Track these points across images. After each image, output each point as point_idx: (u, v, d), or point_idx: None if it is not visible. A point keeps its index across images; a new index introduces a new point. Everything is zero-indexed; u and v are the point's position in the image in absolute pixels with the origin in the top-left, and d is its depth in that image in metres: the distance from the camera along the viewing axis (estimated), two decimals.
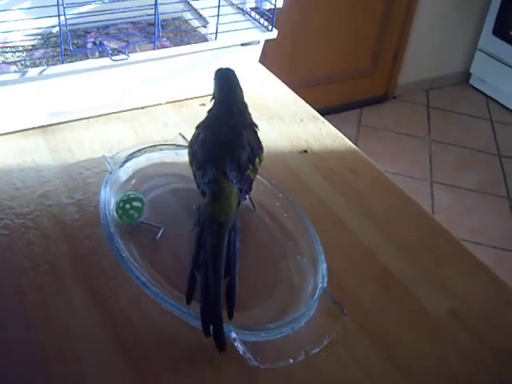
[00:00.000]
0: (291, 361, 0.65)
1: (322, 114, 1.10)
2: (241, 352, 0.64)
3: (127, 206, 0.80)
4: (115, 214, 0.81)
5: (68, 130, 1.00)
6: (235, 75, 0.86)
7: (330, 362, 0.68)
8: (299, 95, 1.15)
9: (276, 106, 1.11)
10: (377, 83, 2.97)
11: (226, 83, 0.86)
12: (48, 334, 0.69)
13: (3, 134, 0.97)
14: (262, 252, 0.82)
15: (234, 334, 0.65)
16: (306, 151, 0.99)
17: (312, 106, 1.13)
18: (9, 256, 0.78)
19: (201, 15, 1.07)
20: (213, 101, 0.86)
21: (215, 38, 0.99)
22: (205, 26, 1.04)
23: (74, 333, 0.69)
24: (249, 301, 0.74)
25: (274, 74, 1.21)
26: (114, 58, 0.91)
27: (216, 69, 0.88)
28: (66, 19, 0.87)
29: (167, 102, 1.07)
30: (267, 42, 1.06)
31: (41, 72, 0.89)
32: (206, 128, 0.82)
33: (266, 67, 1.23)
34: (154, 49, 0.96)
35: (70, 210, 0.85)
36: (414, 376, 0.68)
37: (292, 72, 2.53)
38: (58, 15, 0.86)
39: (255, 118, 0.87)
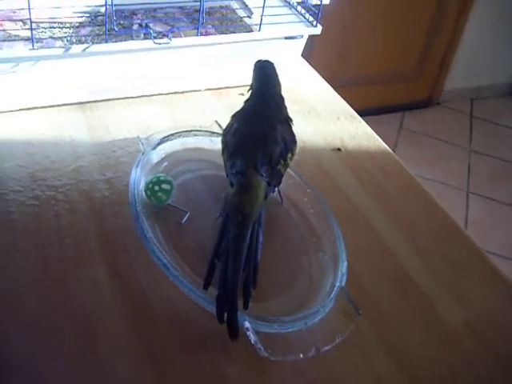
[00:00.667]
0: (301, 355, 0.66)
1: (364, 115, 1.10)
2: (252, 341, 0.65)
3: (156, 187, 0.81)
4: (144, 194, 0.82)
5: (107, 109, 1.01)
6: (274, 68, 0.87)
7: (340, 360, 0.68)
8: (342, 94, 1.15)
9: (314, 102, 1.11)
10: (421, 88, 2.95)
11: (265, 75, 0.86)
12: (64, 306, 0.70)
13: (44, 107, 0.99)
14: (285, 245, 0.82)
15: (247, 324, 0.66)
16: (339, 149, 0.99)
17: (354, 106, 1.12)
18: (36, 226, 0.79)
19: (246, 5, 1.07)
20: (250, 92, 0.86)
21: (259, 29, 1.00)
22: (249, 17, 1.05)
23: (90, 308, 0.70)
24: (266, 292, 0.74)
25: (318, 70, 1.21)
26: (156, 41, 0.92)
27: (256, 60, 0.88)
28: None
29: (207, 89, 1.08)
30: (313, 37, 1.06)
31: (84, 49, 0.91)
32: (240, 118, 0.83)
33: (310, 62, 1.23)
34: (197, 35, 0.96)
35: (101, 187, 0.86)
36: (420, 382, 0.68)
37: (337, 69, 2.51)
38: None
39: (292, 112, 0.87)
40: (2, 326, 0.67)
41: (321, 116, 1.07)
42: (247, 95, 0.86)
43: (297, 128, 0.86)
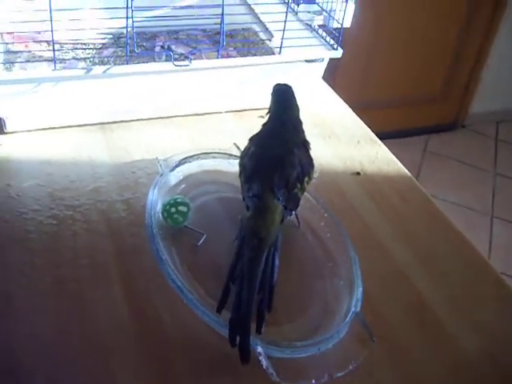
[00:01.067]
0: (313, 382, 0.65)
1: (388, 138, 1.09)
2: (264, 366, 0.64)
3: (173, 209, 0.81)
4: (161, 216, 0.82)
5: (126, 129, 1.02)
6: (292, 91, 0.87)
7: None
8: (366, 116, 1.14)
9: (334, 125, 1.10)
10: (447, 110, 2.93)
11: (283, 99, 0.86)
12: (79, 325, 0.70)
13: (64, 127, 1.00)
14: (301, 269, 0.82)
15: (259, 348, 0.65)
16: (358, 173, 0.99)
17: (378, 129, 1.12)
18: (53, 245, 0.80)
19: (267, 28, 1.08)
20: (268, 115, 0.86)
21: (279, 52, 1.00)
22: (269, 40, 1.05)
23: (104, 328, 0.70)
24: (280, 316, 0.74)
25: (342, 93, 1.21)
26: (176, 63, 0.92)
27: (274, 83, 0.88)
28: (133, 22, 0.89)
29: (227, 111, 1.08)
30: (336, 60, 1.06)
31: (104, 71, 0.92)
32: (257, 142, 0.83)
33: (333, 85, 1.23)
34: (218, 57, 0.97)
35: (119, 208, 0.86)
36: None
37: (361, 92, 2.51)
38: (126, 17, 0.88)
39: (312, 135, 0.87)
40: (15, 343, 0.67)
41: (341, 139, 1.07)
42: (266, 118, 0.86)
43: (316, 151, 0.86)
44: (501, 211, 2.53)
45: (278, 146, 0.81)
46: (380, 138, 1.09)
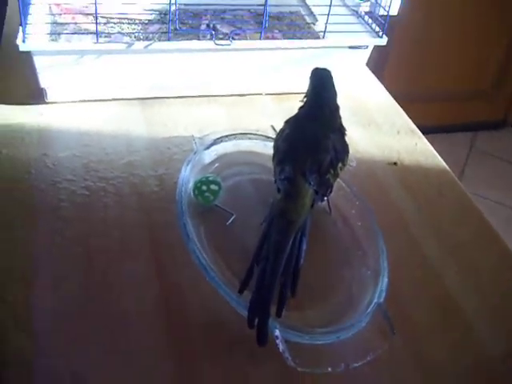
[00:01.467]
0: (329, 369, 0.64)
1: (435, 132, 1.07)
2: (280, 350, 0.64)
3: (204, 187, 0.81)
4: (192, 193, 0.82)
5: (166, 106, 1.02)
6: (331, 76, 0.85)
7: (370, 378, 0.67)
8: (414, 109, 1.12)
9: (375, 114, 1.09)
10: (497, 107, 2.86)
11: (321, 83, 0.85)
12: (103, 297, 0.71)
13: (105, 100, 1.01)
14: (328, 256, 0.81)
15: (277, 332, 0.65)
16: (395, 163, 0.97)
17: (425, 123, 1.10)
18: (84, 216, 0.81)
19: (312, 12, 1.07)
20: (305, 99, 0.85)
21: (323, 37, 0.99)
22: (313, 24, 1.04)
23: (127, 301, 0.71)
24: (304, 302, 0.73)
25: (389, 83, 1.19)
26: (217, 42, 0.92)
27: (313, 67, 0.87)
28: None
29: (267, 94, 1.08)
30: (387, 50, 1.04)
31: (146, 46, 0.92)
32: (292, 124, 0.82)
33: (381, 75, 1.21)
34: (260, 39, 0.96)
35: (151, 183, 0.87)
36: None
37: (410, 84, 2.46)
38: None
39: (352, 123, 0.86)
40: (39, 312, 0.68)
41: (380, 128, 1.05)
42: (303, 102, 0.85)
43: (354, 138, 0.85)
44: None
45: (313, 129, 0.80)
46: (427, 132, 1.07)
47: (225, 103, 1.05)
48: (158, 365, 0.65)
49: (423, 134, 1.06)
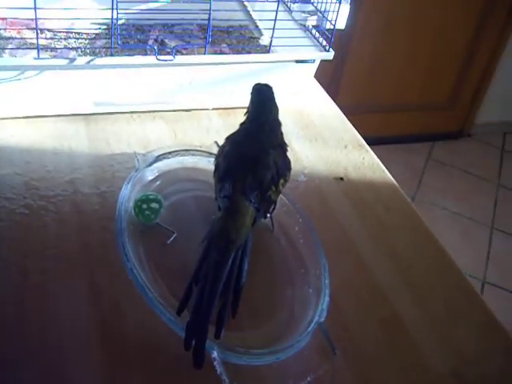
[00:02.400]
0: None
1: (392, 143, 1.07)
2: (218, 372, 0.63)
3: (144, 205, 0.80)
4: (132, 212, 0.81)
5: (110, 122, 1.00)
6: (272, 92, 0.85)
7: None
8: (371, 120, 1.14)
9: (323, 128, 1.08)
10: (453, 118, 2.90)
11: (261, 99, 0.84)
12: (39, 318, 0.69)
13: (47, 117, 0.99)
14: (271, 275, 0.80)
15: (215, 353, 0.64)
16: (342, 179, 0.97)
17: (381, 133, 1.10)
18: (22, 235, 0.79)
19: (257, 26, 1.06)
20: (246, 115, 0.84)
21: (269, 51, 0.98)
22: (258, 38, 1.03)
23: (64, 321, 0.69)
24: (243, 322, 0.72)
25: (345, 95, 1.19)
26: (159, 57, 0.91)
27: (254, 83, 0.86)
28: (117, 13, 0.87)
29: (214, 108, 1.07)
30: (343, 63, 1.04)
31: (88, 62, 0.90)
32: (233, 141, 0.81)
33: (337, 87, 1.20)
34: (205, 53, 0.95)
35: (93, 201, 0.85)
36: None
37: (367, 95, 2.48)
38: (112, 8, 0.86)
39: (299, 138, 0.86)
40: None
41: (328, 143, 1.05)
42: (244, 118, 0.84)
43: (301, 153, 0.85)
44: (501, 223, 2.50)
45: (253, 146, 0.79)
46: (384, 143, 1.07)
47: (170, 119, 1.03)
48: (93, 380, 0.64)
49: (380, 144, 1.06)
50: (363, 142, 1.06)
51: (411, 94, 2.68)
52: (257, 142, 0.80)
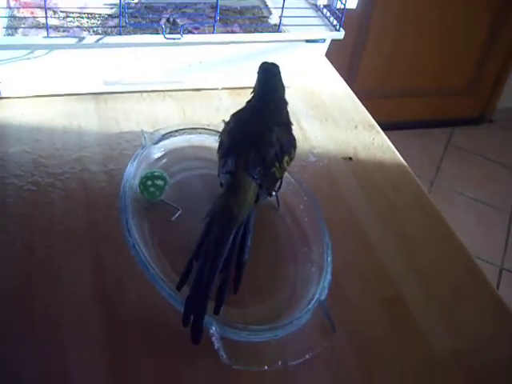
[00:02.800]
0: (266, 367, 0.64)
1: (412, 128, 1.05)
2: (215, 347, 0.63)
3: (149, 182, 0.80)
4: (138, 188, 0.81)
5: (120, 101, 1.01)
6: (278, 70, 0.84)
7: (309, 377, 0.66)
8: (389, 105, 1.12)
9: (333, 108, 1.08)
10: (474, 104, 2.86)
11: (268, 77, 0.84)
12: (42, 292, 0.70)
13: (58, 95, 1.00)
14: (275, 252, 0.80)
15: (213, 328, 0.64)
16: (351, 158, 0.96)
17: (400, 118, 1.09)
18: (29, 211, 0.80)
19: (266, 5, 1.05)
20: (252, 93, 0.84)
21: (278, 30, 0.98)
22: (269, 17, 1.03)
23: (66, 296, 0.70)
24: (244, 299, 0.72)
25: (364, 79, 1.18)
26: (167, 36, 0.91)
27: (262, 62, 0.86)
28: None
29: (224, 88, 1.07)
30: (363, 45, 1.03)
31: (97, 40, 0.90)
32: (238, 118, 0.81)
33: (356, 71, 1.19)
34: (213, 32, 0.95)
35: (100, 178, 0.86)
36: None
37: (385, 79, 2.46)
38: None
39: (309, 117, 0.85)
40: None
41: (338, 123, 1.04)
42: (250, 96, 0.84)
43: (310, 133, 0.84)
44: None
45: (258, 123, 0.79)
46: (403, 128, 1.06)
47: (180, 98, 1.03)
48: (92, 359, 0.64)
49: (399, 129, 1.05)
50: (374, 122, 1.05)
51: (431, 79, 2.64)
52: (261, 120, 0.79)
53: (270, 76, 0.84)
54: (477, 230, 2.25)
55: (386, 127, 1.04)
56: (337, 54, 1.06)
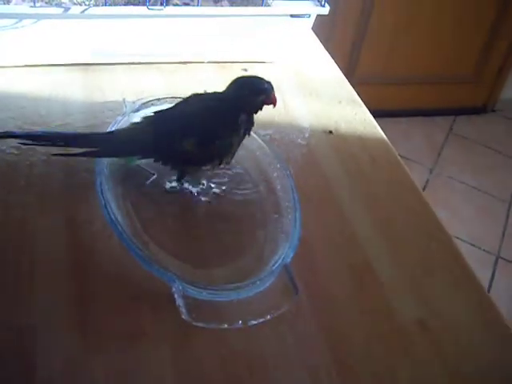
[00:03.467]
0: (226, 325, 0.65)
1: (413, 115, 1.05)
2: (176, 303, 0.65)
3: None
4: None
5: (107, 72, 1.02)
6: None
7: (271, 338, 0.67)
8: (392, 91, 1.12)
9: (318, 84, 1.08)
10: (477, 93, 2.84)
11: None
12: (16, 249, 0.72)
13: (45, 66, 1.01)
14: (245, 218, 0.81)
15: (175, 285, 0.65)
16: (331, 132, 0.97)
17: (402, 105, 1.09)
18: (8, 173, 0.82)
19: None
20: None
21: (262, 4, 0.98)
22: None
23: (39, 254, 0.72)
24: (213, 260, 0.74)
25: (366, 66, 1.18)
26: (150, 7, 0.92)
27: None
28: None
29: (210, 62, 1.07)
30: (365, 30, 1.03)
31: (82, 11, 0.92)
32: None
33: (357, 57, 1.19)
34: (198, 5, 0.96)
35: None
36: (353, 376, 0.66)
37: (388, 65, 2.45)
38: None
39: (293, 92, 0.86)
40: None
41: (321, 98, 1.05)
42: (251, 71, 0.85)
43: (293, 107, 0.85)
44: None
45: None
46: (405, 115, 1.06)
47: (166, 70, 1.04)
48: (60, 310, 0.66)
49: (401, 116, 1.05)
50: (358, 98, 1.06)
51: (434, 66, 2.63)
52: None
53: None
54: (475, 218, 2.25)
55: (389, 114, 1.04)
56: (338, 39, 1.06)
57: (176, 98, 0.90)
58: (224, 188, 0.83)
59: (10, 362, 0.62)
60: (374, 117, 1.02)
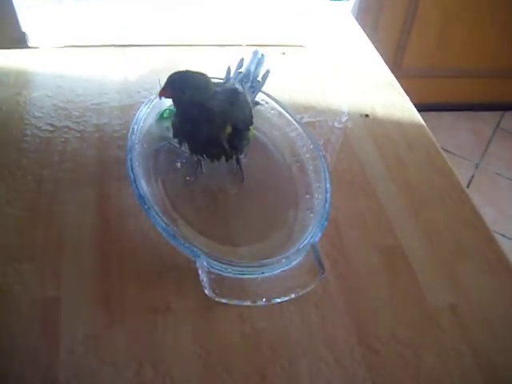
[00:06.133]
0: (249, 303, 0.65)
1: (462, 110, 1.03)
2: (200, 278, 0.64)
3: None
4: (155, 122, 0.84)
5: (144, 53, 1.03)
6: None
7: (294, 316, 0.66)
8: (441, 85, 1.10)
9: (357, 68, 1.07)
10: None
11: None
12: (45, 221, 0.73)
13: (86, 46, 1.02)
14: (277, 198, 0.80)
15: (200, 260, 0.65)
16: (367, 115, 0.95)
17: (448, 98, 1.06)
18: (42, 149, 0.82)
19: None
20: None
21: None
22: None
23: (67, 227, 0.73)
24: (241, 239, 0.74)
25: (412, 58, 1.15)
26: None
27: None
28: None
29: (247, 45, 1.06)
30: (412, 22, 1.01)
31: None
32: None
33: (404, 48, 1.17)
34: None
35: (114, 122, 0.88)
36: (377, 358, 0.64)
37: (437, 58, 2.40)
38: None
39: (331, 75, 0.84)
40: None
41: (360, 83, 1.03)
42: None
43: (330, 92, 0.83)
44: None
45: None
46: (452, 109, 1.04)
47: (202, 52, 1.04)
48: (85, 284, 0.67)
49: (448, 110, 1.03)
50: (397, 83, 1.04)
51: (482, 60, 2.56)
52: None
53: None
54: None
55: (436, 108, 1.01)
56: (385, 29, 1.04)
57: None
58: (255, 166, 0.83)
59: (35, 332, 0.62)
60: (419, 111, 1.00)
